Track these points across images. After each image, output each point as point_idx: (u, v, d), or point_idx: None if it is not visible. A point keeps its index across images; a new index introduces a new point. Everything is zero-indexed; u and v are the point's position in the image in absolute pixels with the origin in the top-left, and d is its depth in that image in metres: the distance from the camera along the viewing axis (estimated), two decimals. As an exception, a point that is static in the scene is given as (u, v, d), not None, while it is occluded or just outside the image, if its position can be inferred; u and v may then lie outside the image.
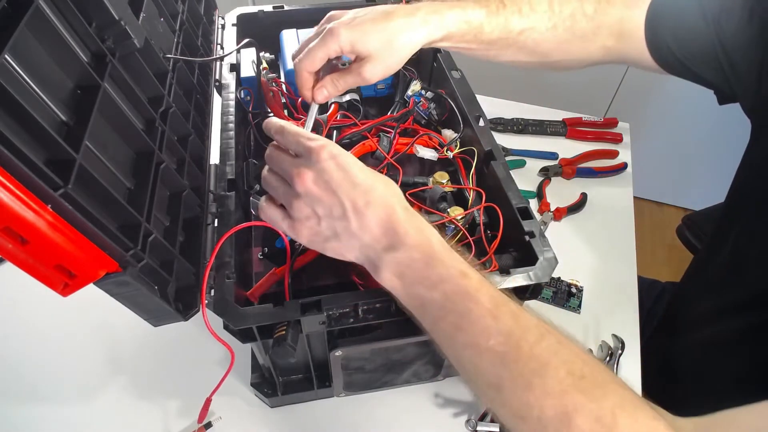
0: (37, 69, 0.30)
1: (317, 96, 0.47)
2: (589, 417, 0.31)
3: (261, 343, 0.45)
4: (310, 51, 0.44)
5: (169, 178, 0.44)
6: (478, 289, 0.36)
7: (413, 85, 0.65)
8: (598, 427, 0.30)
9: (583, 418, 0.31)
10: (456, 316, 0.35)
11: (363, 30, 0.43)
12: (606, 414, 0.31)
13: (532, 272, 0.44)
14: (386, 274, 0.37)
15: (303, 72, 0.46)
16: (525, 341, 0.34)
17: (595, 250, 0.76)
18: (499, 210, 0.51)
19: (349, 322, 0.43)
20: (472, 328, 0.35)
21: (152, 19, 0.47)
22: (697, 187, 1.79)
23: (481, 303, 0.35)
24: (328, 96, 0.48)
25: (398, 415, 0.58)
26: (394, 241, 0.37)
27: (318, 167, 0.37)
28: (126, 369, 0.61)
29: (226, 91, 0.58)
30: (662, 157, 1.68)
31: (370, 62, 0.45)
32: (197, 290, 0.42)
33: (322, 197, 0.37)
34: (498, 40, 0.50)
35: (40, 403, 0.58)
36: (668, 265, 1.73)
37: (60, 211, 0.28)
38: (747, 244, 0.56)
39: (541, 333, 0.35)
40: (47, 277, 0.29)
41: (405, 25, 0.45)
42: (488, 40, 0.50)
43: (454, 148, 0.59)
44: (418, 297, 0.37)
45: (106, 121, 0.37)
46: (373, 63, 0.45)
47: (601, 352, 0.63)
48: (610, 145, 0.90)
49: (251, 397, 0.58)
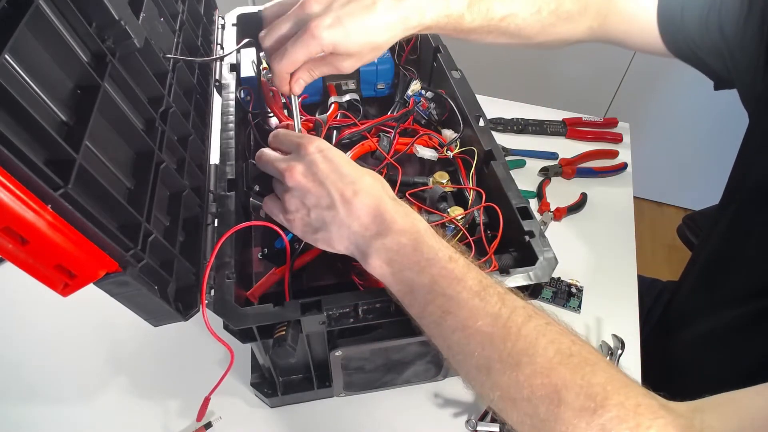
0: (37, 69, 0.30)
1: (295, 89, 0.46)
2: (579, 393, 0.31)
3: (261, 343, 0.45)
4: (290, 53, 0.43)
5: (169, 178, 0.44)
6: (465, 273, 0.36)
7: (413, 85, 0.65)
8: (589, 403, 0.30)
9: (573, 394, 0.31)
10: (444, 300, 0.36)
11: (345, 32, 0.41)
12: (596, 390, 0.31)
13: (532, 272, 0.44)
14: (375, 261, 0.38)
15: (282, 73, 0.45)
16: (513, 322, 0.34)
17: (595, 250, 0.76)
18: (499, 210, 0.51)
19: (349, 322, 0.43)
20: (460, 311, 0.35)
21: (152, 19, 0.47)
22: (697, 187, 1.79)
23: (468, 285, 0.36)
24: (303, 87, 0.47)
25: (398, 415, 0.58)
26: (382, 228, 0.38)
27: (306, 160, 0.39)
28: (126, 369, 0.61)
29: (226, 91, 0.58)
30: (662, 157, 1.68)
31: (350, 59, 0.44)
32: (197, 290, 0.42)
33: (311, 188, 0.39)
34: (478, 28, 0.49)
35: (40, 403, 0.58)
36: (668, 264, 1.73)
37: (60, 211, 0.28)
38: (742, 236, 0.56)
39: (529, 314, 0.35)
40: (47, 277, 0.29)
41: (386, 25, 0.43)
42: (468, 29, 0.49)
43: (454, 148, 0.59)
44: (407, 282, 0.37)
45: (106, 121, 0.37)
46: (352, 59, 0.44)
47: (601, 352, 0.63)
48: (610, 145, 0.90)
49: (251, 397, 0.58)
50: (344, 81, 0.67)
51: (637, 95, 1.58)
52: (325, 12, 0.42)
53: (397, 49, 0.70)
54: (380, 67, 0.67)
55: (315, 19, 0.41)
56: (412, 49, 0.71)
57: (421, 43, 0.71)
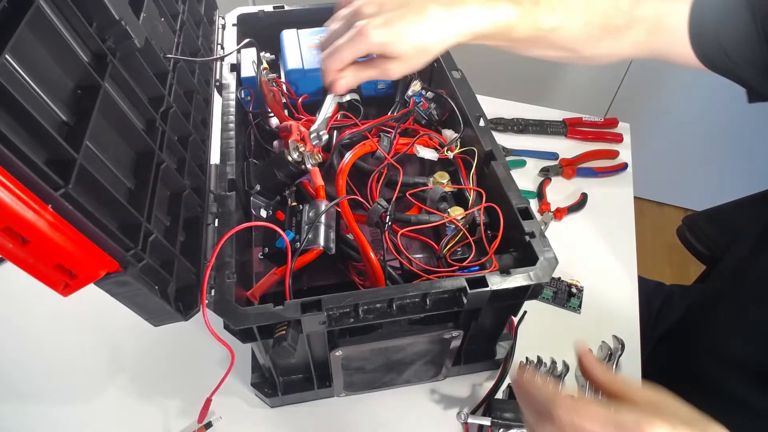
0: (37, 69, 0.30)
1: (339, 87, 0.46)
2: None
3: (261, 343, 0.45)
4: (339, 51, 0.43)
5: (170, 178, 0.44)
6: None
7: (413, 85, 0.65)
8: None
9: None
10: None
11: (395, 33, 0.42)
12: None
13: (532, 272, 0.44)
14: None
15: (329, 70, 0.45)
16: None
17: (595, 250, 0.76)
18: (499, 210, 0.51)
19: (350, 322, 0.43)
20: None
21: (153, 19, 0.47)
22: (697, 187, 1.79)
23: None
24: (349, 86, 0.47)
25: (398, 415, 0.58)
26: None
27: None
28: (126, 369, 0.61)
29: (227, 91, 0.58)
30: (662, 157, 1.68)
31: (398, 62, 0.44)
32: (198, 290, 0.42)
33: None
34: (528, 38, 0.49)
35: (40, 403, 0.58)
36: (669, 265, 1.73)
37: (60, 211, 0.28)
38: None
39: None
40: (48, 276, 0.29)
41: (438, 31, 0.43)
42: (518, 38, 0.49)
43: (454, 148, 0.59)
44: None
45: (106, 121, 0.37)
46: (400, 63, 0.44)
47: (601, 353, 0.63)
48: (611, 145, 0.90)
49: (251, 397, 0.58)
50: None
51: (637, 95, 1.58)
52: (377, 13, 0.42)
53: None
54: (380, 67, 0.67)
55: (367, 19, 0.42)
56: (412, 49, 0.71)
57: (421, 43, 0.71)
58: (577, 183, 0.85)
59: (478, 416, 0.54)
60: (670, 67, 1.64)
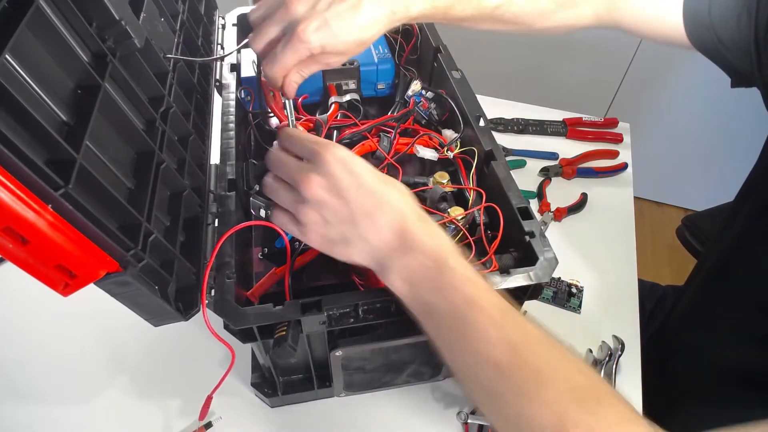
0: (37, 69, 0.30)
1: (289, 92, 0.46)
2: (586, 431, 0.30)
3: (261, 343, 0.45)
4: (281, 60, 0.42)
5: (170, 178, 0.44)
6: (485, 297, 0.36)
7: (413, 85, 0.65)
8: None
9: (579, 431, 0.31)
10: (461, 324, 0.35)
11: (334, 34, 0.41)
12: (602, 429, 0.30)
13: (532, 272, 0.44)
14: (395, 279, 0.37)
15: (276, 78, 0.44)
16: (528, 352, 0.34)
17: (595, 250, 0.76)
18: (499, 210, 0.51)
19: (350, 322, 0.43)
20: (477, 337, 0.35)
21: (153, 19, 0.47)
22: (697, 187, 1.79)
23: (487, 312, 0.35)
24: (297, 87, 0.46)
25: (398, 415, 0.58)
26: (405, 247, 0.37)
27: (324, 170, 0.37)
28: (126, 369, 0.61)
29: (227, 91, 0.58)
30: (662, 157, 1.69)
31: (339, 55, 0.43)
32: (198, 290, 0.42)
33: (329, 202, 0.37)
34: (470, 17, 0.48)
35: (40, 403, 0.58)
36: (669, 265, 1.73)
37: (60, 211, 0.28)
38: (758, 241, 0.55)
39: (544, 344, 0.35)
40: (48, 276, 0.29)
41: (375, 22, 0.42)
42: (458, 17, 0.48)
43: (454, 148, 0.59)
44: (426, 303, 0.37)
45: (106, 121, 0.37)
46: (341, 56, 0.44)
47: (601, 353, 0.63)
48: (611, 145, 0.90)
49: (251, 397, 0.58)
50: (344, 81, 0.67)
51: (637, 95, 1.58)
52: (311, 14, 0.41)
53: (397, 49, 0.70)
54: (381, 67, 0.67)
55: (302, 22, 0.41)
56: (412, 49, 0.71)
57: (421, 43, 0.71)
58: (577, 183, 0.85)
59: (478, 416, 0.54)
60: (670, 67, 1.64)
